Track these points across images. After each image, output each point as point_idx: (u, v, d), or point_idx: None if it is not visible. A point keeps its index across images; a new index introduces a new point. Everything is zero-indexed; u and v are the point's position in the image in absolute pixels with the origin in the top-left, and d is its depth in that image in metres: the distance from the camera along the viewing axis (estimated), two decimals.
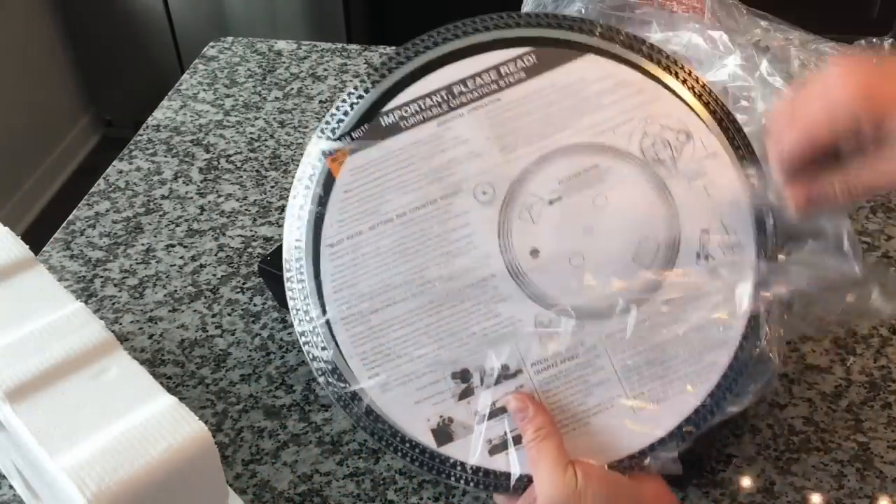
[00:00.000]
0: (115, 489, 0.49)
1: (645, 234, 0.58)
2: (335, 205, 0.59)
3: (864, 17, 2.38)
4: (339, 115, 0.59)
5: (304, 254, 0.58)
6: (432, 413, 0.57)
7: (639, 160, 0.58)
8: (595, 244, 0.58)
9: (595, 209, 0.58)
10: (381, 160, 0.59)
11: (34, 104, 2.38)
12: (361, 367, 0.57)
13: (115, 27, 2.38)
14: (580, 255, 0.58)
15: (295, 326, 0.57)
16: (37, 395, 0.54)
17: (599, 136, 0.59)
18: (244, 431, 0.71)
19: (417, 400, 0.57)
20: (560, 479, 0.52)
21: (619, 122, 0.59)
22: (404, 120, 0.59)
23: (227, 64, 1.18)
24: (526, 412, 0.55)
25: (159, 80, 1.96)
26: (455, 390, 0.57)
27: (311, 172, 0.59)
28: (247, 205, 0.94)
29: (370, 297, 0.58)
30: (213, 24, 2.26)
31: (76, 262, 0.87)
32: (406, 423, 0.57)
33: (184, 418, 0.53)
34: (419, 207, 0.58)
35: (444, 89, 0.59)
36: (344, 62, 1.17)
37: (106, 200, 0.95)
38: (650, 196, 0.58)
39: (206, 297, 0.83)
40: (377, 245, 0.58)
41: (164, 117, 1.08)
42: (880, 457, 0.67)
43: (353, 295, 0.58)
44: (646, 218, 0.58)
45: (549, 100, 0.59)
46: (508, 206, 0.58)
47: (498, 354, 0.57)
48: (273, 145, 1.02)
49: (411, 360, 0.57)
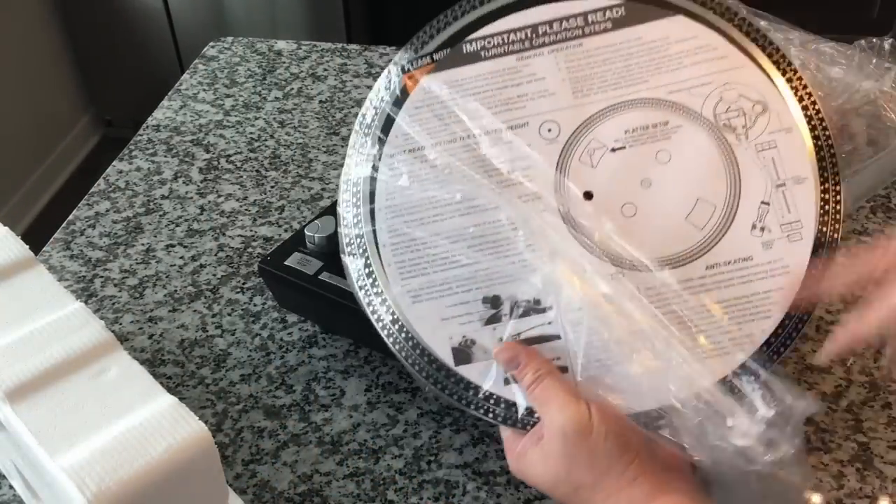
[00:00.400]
0: (115, 489, 0.49)
1: (703, 196, 0.58)
2: (403, 118, 0.61)
3: (864, 18, 2.38)
4: (424, 37, 0.61)
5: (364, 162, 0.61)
6: (456, 332, 0.58)
7: (709, 123, 0.59)
8: (650, 197, 0.59)
9: (657, 164, 0.59)
10: (455, 84, 0.61)
11: (34, 104, 2.38)
12: (397, 274, 0.59)
13: (115, 27, 2.38)
14: (633, 206, 0.59)
15: (340, 230, 0.60)
16: (37, 395, 0.54)
17: (674, 95, 0.60)
18: (244, 431, 0.71)
19: (444, 317, 0.58)
20: (573, 410, 0.52)
21: (697, 83, 0.60)
22: (486, 50, 0.61)
23: (227, 64, 1.18)
24: (517, 359, 0.55)
25: (159, 80, 1.96)
26: (483, 314, 0.58)
27: (385, 85, 0.62)
28: (247, 205, 0.94)
29: (419, 210, 0.60)
30: (213, 24, 2.26)
31: (76, 262, 0.87)
32: (428, 336, 0.58)
33: (184, 418, 0.53)
34: (483, 133, 0.60)
35: (529, 27, 0.61)
36: (344, 62, 1.17)
37: (106, 200, 0.95)
38: (715, 159, 0.59)
39: (206, 297, 0.83)
40: (435, 162, 0.60)
41: (164, 117, 1.08)
42: (880, 457, 0.67)
43: (404, 206, 0.60)
44: (707, 180, 0.59)
45: (629, 52, 0.61)
46: (571, 146, 0.60)
47: (532, 287, 0.58)
48: (273, 145, 1.02)
49: (446, 278, 0.59)
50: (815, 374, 0.73)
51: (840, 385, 0.72)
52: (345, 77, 1.14)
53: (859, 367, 0.74)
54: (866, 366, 0.74)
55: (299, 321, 0.80)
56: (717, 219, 0.58)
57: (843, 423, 0.69)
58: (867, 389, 0.72)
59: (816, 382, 0.72)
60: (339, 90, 1.11)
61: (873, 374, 0.73)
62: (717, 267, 0.57)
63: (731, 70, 0.60)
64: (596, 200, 0.59)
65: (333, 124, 1.05)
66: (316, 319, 0.79)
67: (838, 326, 0.55)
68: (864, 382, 0.72)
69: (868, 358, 0.74)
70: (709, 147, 0.59)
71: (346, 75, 1.14)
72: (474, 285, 0.58)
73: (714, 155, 0.59)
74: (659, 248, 0.58)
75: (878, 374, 0.73)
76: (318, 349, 0.77)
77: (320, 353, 0.77)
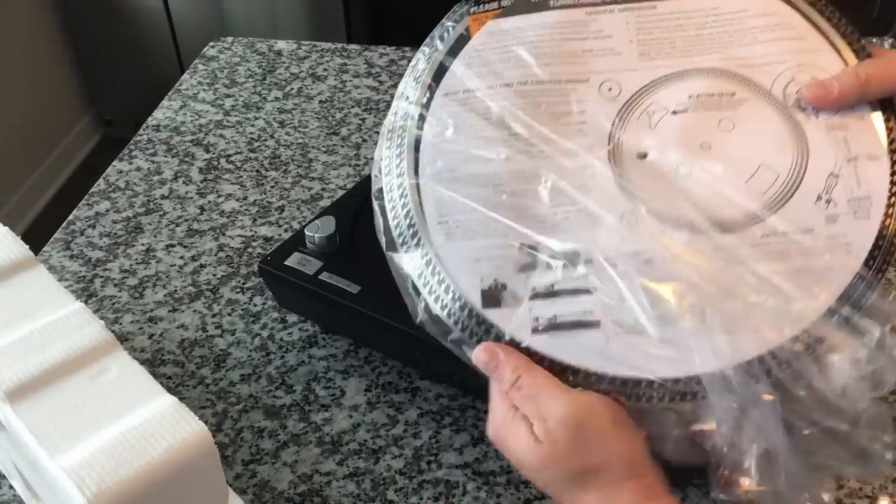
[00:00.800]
0: (115, 489, 0.49)
1: (766, 163, 0.56)
2: (463, 59, 0.60)
3: (864, 17, 2.38)
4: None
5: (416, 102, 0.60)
6: (488, 274, 0.55)
7: (778, 101, 0.58)
8: (708, 161, 0.57)
9: (719, 131, 0.57)
10: (520, 30, 0.60)
11: (34, 104, 2.38)
12: (434, 211, 0.57)
13: (115, 27, 2.38)
14: (688, 167, 0.57)
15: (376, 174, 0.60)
16: (37, 395, 0.54)
17: (744, 69, 0.58)
18: (244, 431, 0.71)
19: (478, 258, 0.56)
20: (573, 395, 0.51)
21: (770, 61, 0.58)
22: (555, 0, 0.61)
23: (227, 64, 1.18)
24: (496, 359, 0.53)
25: (159, 80, 1.96)
26: (519, 260, 0.55)
27: (440, 35, 0.61)
28: (247, 205, 0.94)
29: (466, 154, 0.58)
30: (213, 24, 2.26)
31: (76, 262, 0.87)
32: (459, 275, 0.56)
33: (184, 418, 0.53)
34: (542, 82, 0.59)
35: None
36: (344, 62, 1.17)
37: (106, 200, 0.95)
38: (781, 132, 0.57)
39: (206, 297, 0.83)
40: (487, 108, 0.59)
41: (164, 117, 1.08)
42: None
43: (450, 150, 0.59)
44: (771, 149, 0.57)
45: (704, 21, 0.60)
46: (630, 106, 0.58)
47: (573, 239, 0.55)
48: (273, 145, 1.02)
49: (484, 220, 0.56)
50: None
51: None
52: (345, 77, 1.14)
53: None
54: None
55: (299, 321, 0.80)
56: (778, 186, 0.55)
57: None
58: None
59: None
60: (339, 90, 1.11)
61: None
62: (774, 235, 0.54)
63: (807, 52, 0.58)
64: (650, 159, 0.57)
65: (333, 124, 1.05)
66: (316, 319, 0.79)
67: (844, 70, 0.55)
68: None
69: None
70: (776, 120, 0.57)
71: (346, 75, 1.14)
72: (513, 231, 0.56)
73: (780, 127, 0.57)
74: (712, 211, 0.55)
75: None
76: (318, 349, 0.77)
77: (320, 353, 0.77)
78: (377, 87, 1.12)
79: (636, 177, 0.56)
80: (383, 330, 0.70)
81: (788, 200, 0.55)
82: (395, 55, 1.18)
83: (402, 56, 1.18)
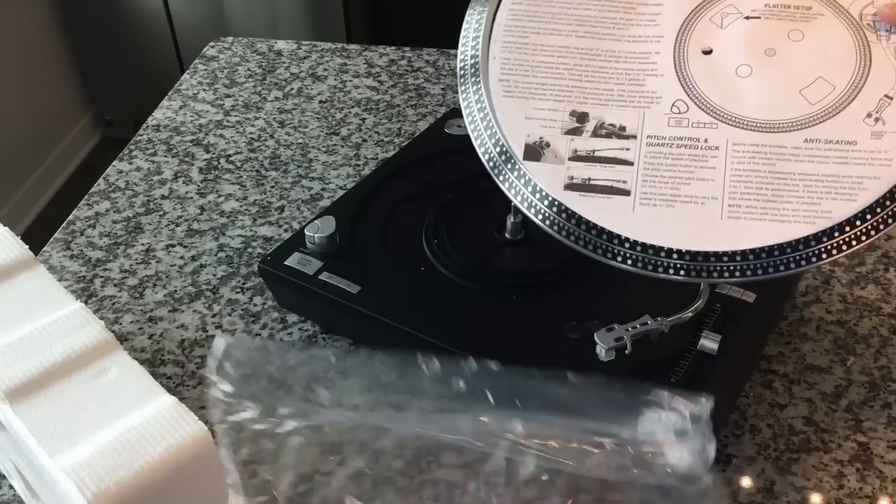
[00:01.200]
0: (115, 489, 0.49)
1: (825, 75, 0.59)
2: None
3: None
4: None
5: None
6: (535, 132, 0.60)
7: (853, 20, 0.60)
8: (769, 65, 0.60)
9: (787, 40, 0.60)
10: None
11: (34, 104, 2.38)
12: (498, 68, 0.62)
13: (115, 27, 2.38)
14: (749, 68, 0.60)
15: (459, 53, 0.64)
16: (37, 395, 0.54)
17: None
18: (244, 431, 0.71)
19: (529, 116, 0.61)
20: None
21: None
22: None
23: (227, 64, 1.18)
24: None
25: (159, 80, 1.96)
26: (567, 125, 0.60)
27: None
28: (247, 205, 0.94)
29: (539, 21, 0.64)
30: (213, 24, 2.26)
31: (76, 262, 0.87)
32: (508, 127, 0.60)
33: (184, 418, 0.53)
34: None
35: None
36: (344, 62, 1.17)
37: (106, 200, 0.95)
38: (849, 49, 0.59)
39: (206, 297, 0.83)
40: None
41: (164, 117, 1.08)
42: (880, 457, 0.67)
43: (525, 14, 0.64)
44: (834, 63, 0.59)
45: None
46: (706, 4, 0.62)
47: (623, 115, 0.60)
48: (273, 145, 1.02)
49: (544, 84, 0.62)
50: (816, 374, 0.73)
51: (840, 385, 0.72)
52: (345, 77, 1.14)
53: (859, 367, 0.74)
54: (866, 366, 0.74)
55: (299, 321, 0.80)
56: (831, 98, 0.58)
57: (843, 423, 0.69)
58: (867, 389, 0.72)
59: (816, 382, 0.72)
60: (339, 90, 1.11)
61: (873, 374, 0.73)
62: (817, 142, 0.57)
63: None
64: (714, 56, 0.61)
65: (333, 124, 1.05)
66: (316, 319, 0.79)
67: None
68: (864, 382, 0.72)
69: (868, 358, 0.74)
70: (846, 38, 0.59)
71: (346, 75, 1.14)
72: (567, 97, 0.61)
73: (849, 45, 0.59)
74: (762, 111, 0.58)
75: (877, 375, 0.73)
76: (318, 349, 0.77)
77: (320, 354, 0.77)
78: (377, 87, 1.12)
79: (696, 69, 0.60)
80: (383, 330, 0.70)
81: (839, 113, 0.58)
82: (395, 55, 1.18)
83: (402, 56, 1.18)
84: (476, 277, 0.72)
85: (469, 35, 0.64)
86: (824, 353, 0.75)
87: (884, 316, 0.78)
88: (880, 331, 0.77)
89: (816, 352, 0.75)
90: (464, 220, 0.77)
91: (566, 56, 0.62)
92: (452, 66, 1.15)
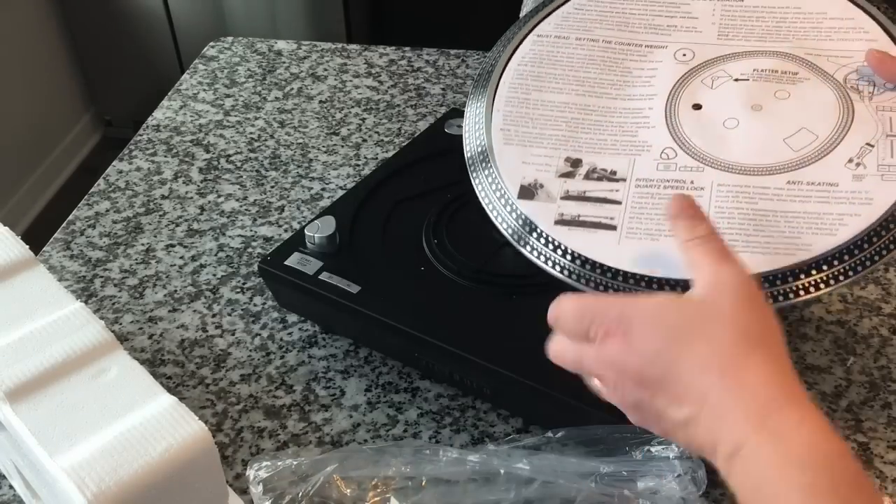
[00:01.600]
0: (115, 489, 0.49)
1: (808, 126, 0.61)
2: (560, 14, 0.72)
3: None
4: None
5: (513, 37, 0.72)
6: (531, 175, 0.64)
7: (837, 84, 0.63)
8: (756, 118, 0.63)
9: (773, 98, 0.63)
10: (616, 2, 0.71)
11: (34, 104, 2.38)
12: (500, 119, 0.68)
13: (115, 27, 2.38)
14: (736, 121, 0.63)
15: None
16: (37, 395, 0.54)
17: (812, 57, 0.64)
18: (244, 431, 0.71)
19: (526, 161, 0.65)
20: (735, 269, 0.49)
21: (839, 54, 0.64)
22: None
23: (227, 64, 1.18)
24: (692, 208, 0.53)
25: (159, 80, 1.96)
26: (561, 169, 0.64)
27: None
28: (247, 205, 0.94)
29: (544, 80, 0.69)
30: (213, 24, 2.26)
31: (76, 262, 0.87)
32: (505, 171, 0.65)
33: (184, 418, 0.53)
34: (624, 44, 0.70)
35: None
36: (344, 62, 1.17)
37: (106, 200, 0.95)
38: (832, 105, 0.62)
39: (206, 297, 0.83)
40: (574, 52, 0.70)
41: (164, 117, 1.08)
42: (880, 457, 0.67)
43: (532, 73, 0.70)
44: (818, 116, 0.61)
45: (784, 17, 0.67)
46: (698, 69, 0.66)
47: (615, 162, 0.64)
48: (273, 145, 1.02)
49: (542, 135, 0.66)
50: (816, 374, 0.73)
51: (840, 385, 0.72)
52: (345, 77, 1.14)
53: (859, 367, 0.74)
54: (866, 366, 0.74)
55: (299, 321, 0.80)
56: (815, 146, 0.60)
57: (843, 423, 0.69)
58: (867, 389, 0.72)
59: (816, 382, 0.72)
60: (339, 90, 1.11)
61: (873, 374, 0.73)
62: (799, 184, 0.59)
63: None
64: (703, 111, 0.64)
65: (333, 124, 1.05)
66: (316, 319, 0.79)
67: None
68: (864, 382, 0.72)
69: (868, 358, 0.74)
70: (830, 97, 0.62)
71: (346, 75, 1.14)
72: (563, 146, 0.65)
73: (833, 102, 0.62)
74: (747, 156, 0.61)
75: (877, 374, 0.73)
76: (318, 349, 0.77)
77: (320, 353, 0.77)
78: (377, 87, 1.12)
79: (686, 122, 0.64)
80: (383, 330, 0.70)
81: (820, 159, 0.60)
82: (395, 55, 1.18)
83: (402, 56, 1.18)
84: (476, 278, 0.72)
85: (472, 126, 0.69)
86: (824, 353, 0.75)
87: (884, 316, 0.78)
88: (880, 331, 0.77)
89: (816, 352, 0.75)
90: (464, 221, 0.77)
91: (565, 111, 0.67)
92: (452, 66, 1.15)
